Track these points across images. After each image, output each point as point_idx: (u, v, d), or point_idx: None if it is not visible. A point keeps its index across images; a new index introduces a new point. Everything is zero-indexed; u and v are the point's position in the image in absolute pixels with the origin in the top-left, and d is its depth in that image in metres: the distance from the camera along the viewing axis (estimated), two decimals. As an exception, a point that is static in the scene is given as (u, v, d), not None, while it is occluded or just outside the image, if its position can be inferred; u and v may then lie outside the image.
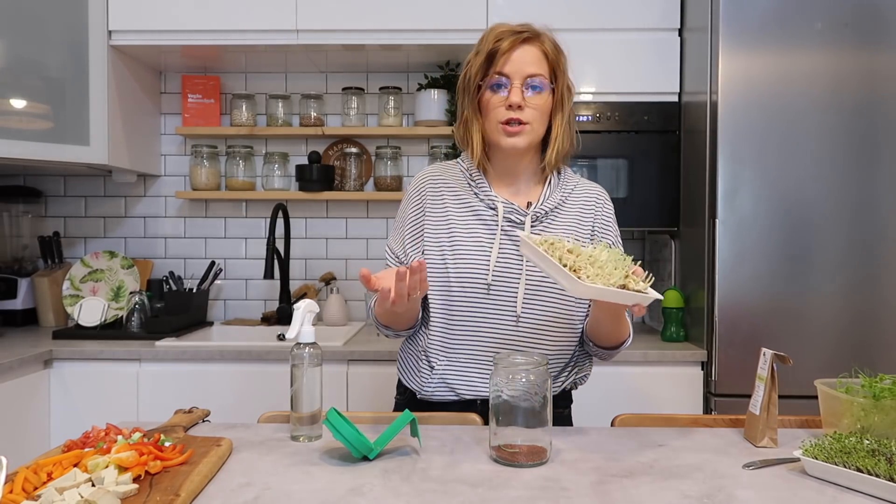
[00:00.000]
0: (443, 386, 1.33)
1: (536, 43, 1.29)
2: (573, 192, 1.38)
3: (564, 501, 0.90)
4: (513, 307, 1.28)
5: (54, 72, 2.20)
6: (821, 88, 1.96)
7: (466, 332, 1.31)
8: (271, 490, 0.94)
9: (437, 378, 1.33)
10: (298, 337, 1.16)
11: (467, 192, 1.35)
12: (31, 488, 0.86)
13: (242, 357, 2.07)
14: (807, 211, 1.96)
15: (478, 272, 1.29)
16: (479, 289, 1.29)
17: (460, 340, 1.32)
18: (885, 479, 0.90)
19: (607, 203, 1.41)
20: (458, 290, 1.30)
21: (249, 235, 2.73)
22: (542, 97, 1.29)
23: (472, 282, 1.29)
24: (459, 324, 1.31)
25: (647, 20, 2.29)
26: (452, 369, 1.32)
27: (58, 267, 2.60)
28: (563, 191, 1.36)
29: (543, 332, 1.30)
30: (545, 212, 1.33)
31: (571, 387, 1.42)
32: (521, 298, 1.28)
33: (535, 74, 1.28)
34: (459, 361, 1.32)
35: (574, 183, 1.39)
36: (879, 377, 1.11)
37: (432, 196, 1.37)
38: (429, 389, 1.34)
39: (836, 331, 1.95)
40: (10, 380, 1.91)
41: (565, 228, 1.33)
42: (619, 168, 2.30)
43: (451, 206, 1.35)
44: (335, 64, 2.62)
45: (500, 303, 1.29)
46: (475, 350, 1.31)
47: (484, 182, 1.34)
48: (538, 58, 1.29)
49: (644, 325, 2.62)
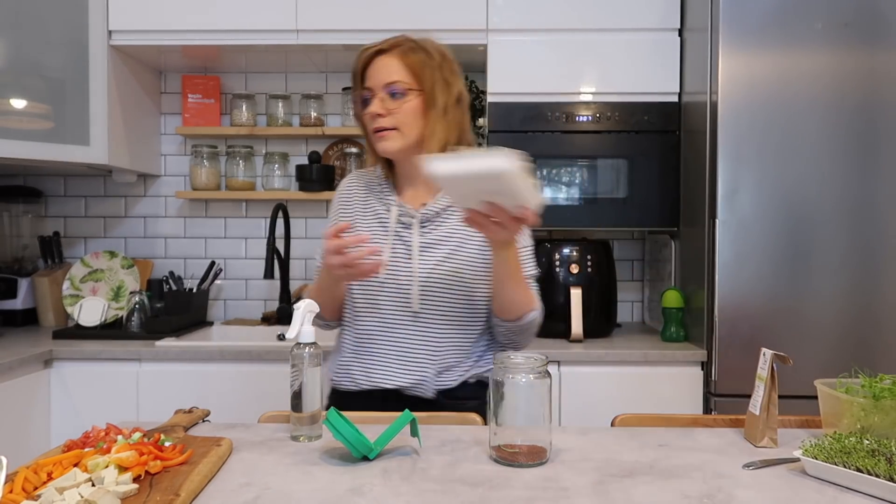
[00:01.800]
0: (346, 377, 1.40)
1: (393, 54, 1.36)
2: None
3: (564, 501, 0.90)
4: (409, 304, 1.35)
5: (54, 72, 2.20)
6: (821, 88, 1.96)
7: (368, 328, 1.39)
8: (271, 490, 0.94)
9: (343, 369, 1.41)
10: (298, 337, 1.16)
11: (374, 197, 1.44)
12: (31, 488, 0.86)
13: (242, 357, 2.07)
14: (807, 211, 1.96)
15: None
16: (373, 287, 1.37)
17: (363, 335, 1.39)
18: (885, 479, 0.90)
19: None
20: (357, 288, 1.39)
21: (249, 235, 2.73)
22: (406, 101, 1.35)
23: (368, 281, 1.36)
24: (362, 320, 1.39)
25: (647, 20, 2.29)
26: (357, 361, 1.39)
27: (58, 267, 2.60)
28: None
29: (442, 326, 1.36)
30: (435, 212, 1.38)
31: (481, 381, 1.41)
32: (417, 295, 1.34)
33: (391, 82, 1.34)
34: (362, 354, 1.39)
35: None
36: (879, 377, 1.11)
37: (344, 203, 1.48)
38: (336, 378, 1.42)
39: (836, 331, 1.95)
40: (10, 380, 1.91)
41: (455, 227, 1.37)
42: (619, 168, 2.30)
43: (357, 210, 1.45)
44: (335, 64, 2.62)
45: (396, 300, 1.36)
46: (375, 343, 1.38)
47: (387, 187, 1.43)
48: (397, 67, 1.35)
49: (644, 325, 2.62)
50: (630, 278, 2.68)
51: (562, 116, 2.28)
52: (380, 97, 1.35)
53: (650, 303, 2.60)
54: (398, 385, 1.35)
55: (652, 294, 2.57)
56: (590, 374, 2.04)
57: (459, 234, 1.37)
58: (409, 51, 1.36)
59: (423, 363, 1.36)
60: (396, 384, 1.35)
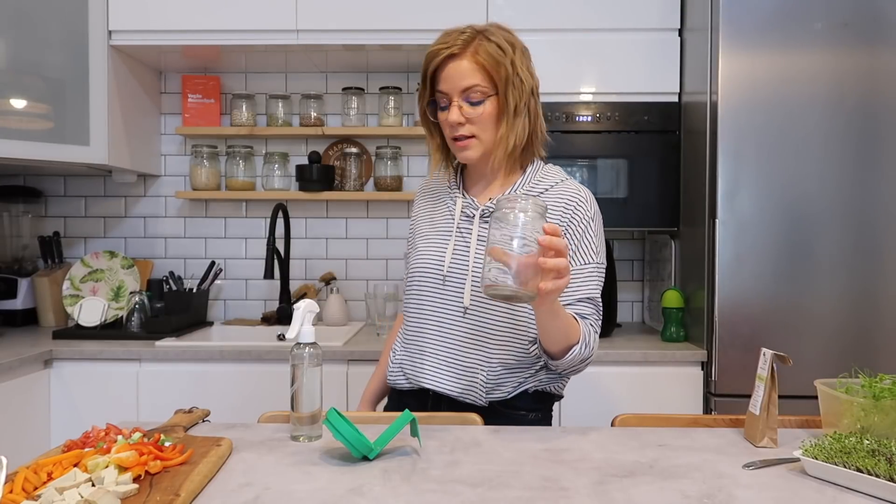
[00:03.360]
0: (400, 373, 1.40)
1: (466, 56, 1.29)
2: (547, 191, 1.34)
3: (564, 501, 0.90)
4: (461, 299, 1.32)
5: (54, 72, 2.20)
6: (821, 88, 1.96)
7: (421, 323, 1.37)
8: (271, 490, 0.94)
9: (396, 366, 1.41)
10: (298, 337, 1.16)
11: (444, 193, 1.43)
12: (31, 488, 0.86)
13: (242, 357, 2.07)
14: (807, 211, 1.96)
15: (434, 265, 1.35)
16: (434, 280, 1.35)
17: (416, 331, 1.38)
18: (885, 479, 0.90)
19: (585, 210, 1.32)
20: (417, 283, 1.38)
21: (249, 235, 2.73)
22: (483, 108, 1.29)
23: (428, 274, 1.35)
24: (417, 315, 1.38)
25: (647, 20, 2.30)
26: (409, 358, 1.39)
27: (58, 267, 2.60)
28: (532, 189, 1.34)
29: (489, 327, 1.31)
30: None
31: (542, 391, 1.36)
32: (469, 291, 1.31)
33: (469, 87, 1.28)
34: (413, 351, 1.38)
35: (552, 182, 1.35)
36: (879, 377, 1.11)
37: (419, 201, 1.50)
38: (391, 376, 1.42)
39: (836, 331, 1.95)
40: (10, 380, 1.91)
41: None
42: (619, 168, 2.30)
43: (429, 207, 1.45)
44: (335, 64, 2.62)
45: (451, 295, 1.33)
46: (426, 341, 1.36)
47: (455, 182, 1.41)
48: (471, 70, 1.28)
49: (644, 325, 2.62)
50: (630, 278, 2.68)
51: (562, 116, 2.28)
52: (457, 104, 1.29)
53: (650, 303, 2.60)
54: (447, 389, 1.32)
55: (652, 294, 2.57)
56: (590, 374, 2.03)
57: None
58: (481, 48, 1.29)
59: (471, 366, 1.31)
60: (445, 388, 1.32)
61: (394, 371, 1.42)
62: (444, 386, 1.33)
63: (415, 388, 1.38)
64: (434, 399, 1.36)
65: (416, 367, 1.37)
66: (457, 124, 1.29)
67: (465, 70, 1.28)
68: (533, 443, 1.15)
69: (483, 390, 1.31)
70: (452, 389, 1.32)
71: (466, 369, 1.31)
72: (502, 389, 1.32)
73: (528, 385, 1.33)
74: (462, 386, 1.32)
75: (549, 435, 1.20)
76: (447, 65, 1.30)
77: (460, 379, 1.32)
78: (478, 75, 1.28)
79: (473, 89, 1.28)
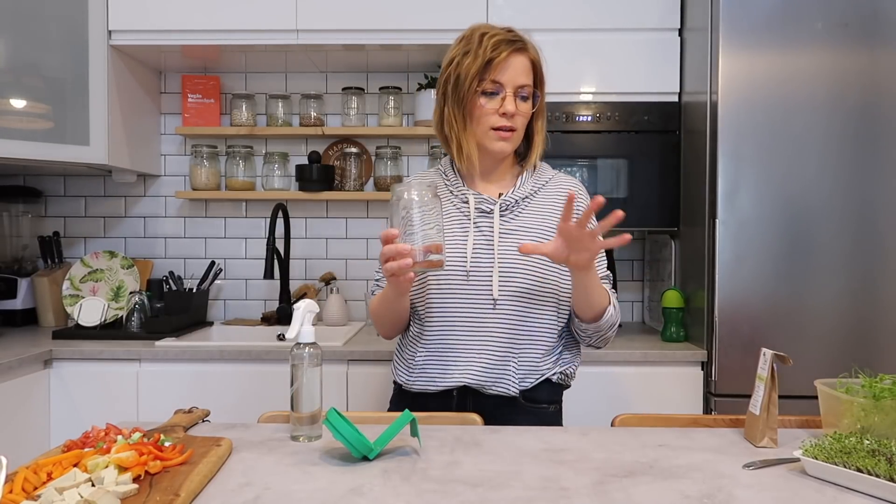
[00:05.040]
0: (423, 376, 1.38)
1: (526, 53, 1.35)
2: (547, 184, 1.43)
3: (564, 501, 0.90)
4: (489, 292, 1.33)
5: (54, 72, 2.20)
6: (821, 88, 1.96)
7: (447, 321, 1.36)
8: (271, 490, 0.94)
9: (419, 369, 1.38)
10: (298, 337, 1.16)
11: (444, 190, 1.43)
12: (31, 488, 0.86)
13: (242, 357, 2.07)
14: (807, 211, 1.96)
15: (455, 262, 1.35)
16: (458, 276, 1.34)
17: (441, 329, 1.37)
18: (885, 479, 0.90)
19: (584, 197, 1.44)
20: (436, 282, 1.36)
21: (249, 235, 2.73)
22: (528, 106, 1.37)
23: (451, 270, 1.34)
24: (440, 312, 1.37)
25: (647, 20, 2.29)
26: (433, 359, 1.37)
27: (58, 267, 2.60)
28: (536, 183, 1.42)
29: (520, 316, 1.35)
30: (515, 200, 1.38)
31: (560, 380, 1.41)
32: (497, 282, 1.33)
33: (524, 85, 1.35)
34: (439, 351, 1.37)
35: (549, 176, 1.45)
36: (879, 377, 1.11)
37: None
38: (412, 380, 1.40)
39: (836, 331, 1.95)
40: (10, 380, 1.91)
41: (536, 217, 1.38)
42: (619, 168, 2.30)
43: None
44: (335, 64, 2.62)
45: (477, 289, 1.34)
46: (455, 336, 1.36)
47: (457, 180, 1.42)
48: (528, 68, 1.35)
49: (644, 325, 2.62)
50: (630, 278, 2.68)
51: (562, 116, 2.28)
52: (512, 96, 1.33)
53: (650, 303, 2.60)
54: (479, 382, 1.34)
55: (652, 294, 2.57)
56: (590, 374, 2.03)
57: (545, 222, 1.38)
58: (533, 48, 1.36)
59: (503, 355, 1.34)
60: (477, 380, 1.34)
61: (414, 375, 1.39)
62: (477, 379, 1.34)
63: (439, 391, 1.37)
64: (459, 395, 1.36)
65: (445, 367, 1.36)
66: (511, 115, 1.33)
67: (525, 66, 1.34)
68: (533, 443, 1.15)
69: (516, 378, 1.34)
70: (486, 381, 1.34)
71: (500, 359, 1.34)
72: (532, 377, 1.36)
73: (550, 373, 1.38)
74: (495, 377, 1.34)
75: (549, 435, 1.20)
76: (512, 57, 1.33)
77: (493, 370, 1.34)
78: (530, 73, 1.36)
79: (527, 87, 1.35)
